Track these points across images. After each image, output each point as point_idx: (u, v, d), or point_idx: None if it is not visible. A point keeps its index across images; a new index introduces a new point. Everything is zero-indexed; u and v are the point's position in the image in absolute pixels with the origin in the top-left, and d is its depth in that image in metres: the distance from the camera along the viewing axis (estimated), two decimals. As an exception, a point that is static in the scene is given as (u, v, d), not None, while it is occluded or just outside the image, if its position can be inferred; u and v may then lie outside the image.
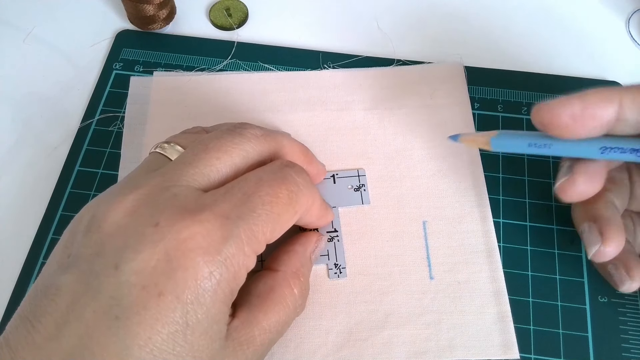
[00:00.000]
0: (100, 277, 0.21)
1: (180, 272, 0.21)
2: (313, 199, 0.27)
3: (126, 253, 0.21)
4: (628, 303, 0.31)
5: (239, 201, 0.23)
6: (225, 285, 0.22)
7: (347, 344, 0.30)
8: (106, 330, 0.20)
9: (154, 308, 0.20)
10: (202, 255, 0.21)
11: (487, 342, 0.30)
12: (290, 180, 0.25)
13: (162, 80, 0.38)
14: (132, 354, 0.20)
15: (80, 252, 0.22)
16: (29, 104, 0.38)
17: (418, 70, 0.39)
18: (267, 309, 0.25)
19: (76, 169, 0.35)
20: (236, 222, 0.22)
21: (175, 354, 0.20)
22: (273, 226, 0.23)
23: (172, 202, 0.22)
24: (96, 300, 0.20)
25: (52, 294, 0.21)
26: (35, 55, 0.41)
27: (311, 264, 0.29)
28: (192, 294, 0.21)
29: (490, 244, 0.32)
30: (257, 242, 0.23)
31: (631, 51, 0.41)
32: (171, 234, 0.21)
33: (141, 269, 0.20)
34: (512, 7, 0.43)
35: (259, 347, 0.24)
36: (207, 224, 0.22)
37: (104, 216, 0.22)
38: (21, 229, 0.34)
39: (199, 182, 0.24)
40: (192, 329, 0.21)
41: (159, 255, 0.21)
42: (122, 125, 0.37)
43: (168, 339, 0.20)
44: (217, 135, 0.26)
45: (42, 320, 0.20)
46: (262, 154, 0.27)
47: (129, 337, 0.20)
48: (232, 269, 0.22)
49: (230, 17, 0.42)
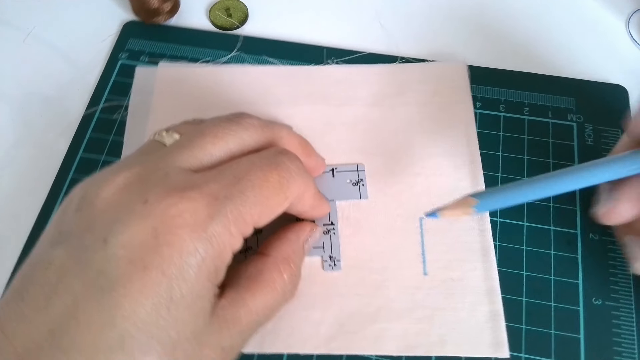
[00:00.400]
0: (89, 251, 0.21)
1: (166, 247, 0.21)
2: (306, 187, 0.27)
3: (115, 227, 0.21)
4: (622, 307, 0.31)
5: (228, 183, 0.23)
6: (210, 262, 0.22)
7: (338, 335, 0.30)
8: (92, 301, 0.20)
9: (139, 281, 0.20)
10: (188, 232, 0.21)
11: (478, 339, 0.30)
12: (283, 166, 0.25)
13: (167, 70, 0.39)
14: (116, 324, 0.20)
15: (71, 228, 0.22)
16: (29, 104, 0.39)
17: (421, 68, 0.39)
18: (255, 290, 0.25)
19: (79, 156, 0.36)
20: (223, 202, 0.23)
21: (159, 327, 0.21)
22: (261, 209, 0.24)
23: (162, 180, 0.23)
24: (84, 273, 0.21)
25: (43, 268, 0.21)
26: (35, 55, 0.41)
27: (304, 252, 0.30)
28: (176, 269, 0.21)
29: (486, 243, 0.32)
30: (244, 223, 0.23)
31: (631, 51, 0.41)
32: (159, 210, 0.21)
33: (128, 243, 0.21)
34: (515, 7, 0.43)
35: (244, 328, 0.24)
36: (194, 202, 0.22)
37: (95, 193, 0.23)
38: (21, 215, 0.34)
39: (192, 164, 0.24)
40: (175, 304, 0.21)
41: (146, 230, 0.21)
42: (125, 114, 0.37)
43: (152, 312, 0.20)
44: (214, 122, 0.26)
45: (31, 293, 0.21)
46: (258, 142, 0.27)
47: (113, 309, 0.20)
48: (217, 246, 0.22)
49: (230, 17, 0.42)
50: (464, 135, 0.36)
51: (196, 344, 0.22)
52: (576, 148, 0.36)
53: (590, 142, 0.36)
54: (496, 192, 0.28)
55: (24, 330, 0.20)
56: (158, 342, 0.21)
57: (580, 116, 0.37)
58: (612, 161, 0.27)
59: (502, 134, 0.36)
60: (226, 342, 0.24)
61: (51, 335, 0.20)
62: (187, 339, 0.22)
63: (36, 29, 0.42)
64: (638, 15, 0.42)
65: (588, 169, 0.27)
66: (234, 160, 0.25)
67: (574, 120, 0.37)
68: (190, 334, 0.22)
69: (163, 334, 0.21)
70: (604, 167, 0.27)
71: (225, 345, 0.23)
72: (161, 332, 0.21)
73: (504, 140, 0.36)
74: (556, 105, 0.37)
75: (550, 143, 0.36)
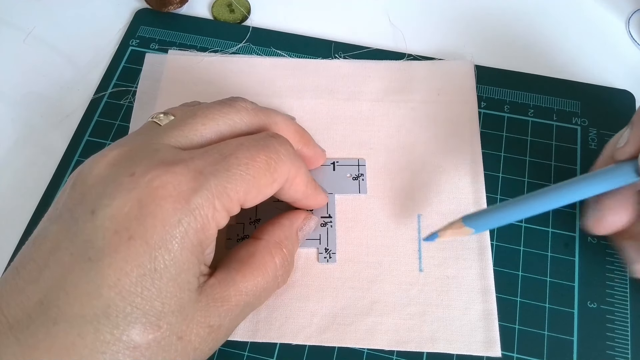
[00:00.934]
0: (78, 223, 0.22)
1: (150, 218, 0.21)
2: (297, 172, 0.27)
3: (103, 200, 0.22)
4: (617, 311, 0.31)
5: (214, 160, 0.24)
6: (193, 235, 0.22)
7: (331, 327, 0.30)
8: (79, 271, 0.21)
9: (124, 251, 0.21)
10: (171, 203, 0.22)
11: (470, 337, 0.30)
12: (271, 149, 0.25)
13: (176, 58, 0.39)
14: (102, 294, 0.21)
15: (66, 203, 0.23)
16: (29, 104, 0.39)
17: (428, 65, 0.39)
18: (245, 272, 0.26)
19: (85, 139, 0.37)
20: (207, 177, 0.23)
21: (143, 298, 0.21)
22: (247, 187, 0.24)
23: (151, 155, 0.23)
24: (73, 244, 0.21)
25: (38, 243, 0.22)
26: (35, 55, 0.41)
27: (297, 239, 0.30)
28: (160, 239, 0.21)
29: (483, 242, 0.33)
30: (228, 199, 0.23)
31: (631, 51, 0.40)
32: (144, 182, 0.22)
33: (115, 215, 0.21)
34: (522, 8, 0.43)
35: (233, 307, 0.25)
36: (179, 175, 0.22)
37: (89, 170, 0.23)
38: (21, 215, 0.34)
39: (181, 142, 0.25)
40: (159, 274, 0.21)
41: (132, 202, 0.22)
42: (133, 100, 0.38)
43: (137, 282, 0.21)
44: (208, 105, 0.27)
45: (26, 267, 0.22)
46: (250, 126, 0.27)
47: (99, 278, 0.21)
48: (201, 219, 0.22)
49: (232, 12, 0.42)
50: (467, 134, 0.36)
51: (182, 318, 0.22)
52: (579, 151, 0.35)
53: (594, 146, 0.35)
54: (487, 214, 0.29)
55: (17, 301, 0.21)
56: (143, 312, 0.21)
57: (585, 120, 0.37)
58: (594, 177, 0.27)
59: (505, 134, 0.36)
60: (214, 321, 0.24)
61: (40, 306, 0.21)
62: (172, 312, 0.22)
63: (37, 29, 0.42)
64: (638, 15, 0.41)
65: (571, 187, 0.27)
66: (223, 142, 0.25)
67: (579, 124, 0.36)
68: (176, 307, 0.22)
69: (147, 305, 0.21)
70: (587, 184, 0.27)
71: (213, 323, 0.24)
72: (146, 303, 0.21)
73: (506, 141, 0.36)
74: (561, 108, 0.37)
75: (553, 145, 0.36)
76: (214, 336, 0.24)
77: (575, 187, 0.27)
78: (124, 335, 0.21)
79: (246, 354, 0.30)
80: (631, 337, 0.30)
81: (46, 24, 0.43)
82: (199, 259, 0.23)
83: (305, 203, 0.31)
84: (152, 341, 0.22)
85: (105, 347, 0.21)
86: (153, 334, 0.21)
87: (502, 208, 0.28)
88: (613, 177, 0.27)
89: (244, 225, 0.33)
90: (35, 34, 0.42)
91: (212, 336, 0.24)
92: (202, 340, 0.24)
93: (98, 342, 0.21)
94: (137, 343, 0.21)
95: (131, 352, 0.21)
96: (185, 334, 0.23)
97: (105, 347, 0.21)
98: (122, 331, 0.21)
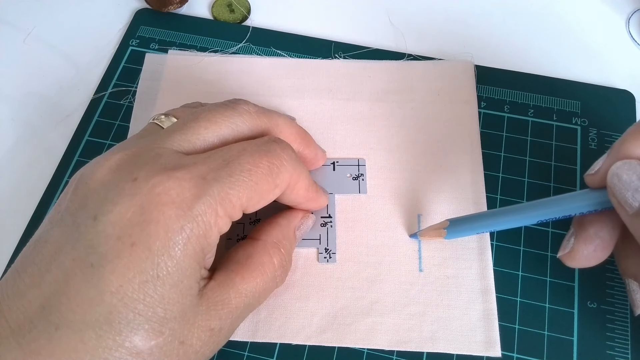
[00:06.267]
0: (80, 228, 0.22)
1: (152, 224, 0.21)
2: (298, 177, 0.27)
3: (105, 205, 0.22)
4: (617, 311, 0.31)
5: (217, 165, 0.24)
6: (196, 241, 0.22)
7: (331, 327, 0.30)
8: (82, 277, 0.21)
9: (126, 257, 0.21)
10: (174, 209, 0.22)
11: (470, 337, 0.30)
12: (274, 154, 0.25)
13: (176, 58, 0.39)
14: (104, 300, 0.21)
15: (68, 207, 0.23)
16: (29, 104, 0.39)
17: (428, 65, 0.39)
18: (244, 273, 0.26)
19: (85, 139, 0.37)
20: (210, 183, 0.23)
21: (146, 304, 0.21)
22: (249, 194, 0.24)
23: (153, 160, 0.23)
24: (75, 249, 0.21)
25: (40, 246, 0.22)
26: (35, 55, 0.41)
27: (295, 239, 0.30)
28: (162, 245, 0.21)
29: (483, 242, 0.33)
30: (231, 205, 0.23)
31: (631, 51, 0.40)
32: (146, 188, 0.22)
33: (117, 221, 0.21)
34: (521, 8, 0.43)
35: (233, 309, 0.25)
36: (182, 181, 0.22)
37: (91, 173, 0.23)
38: (21, 214, 0.34)
39: (183, 147, 0.25)
40: (162, 281, 0.21)
41: (134, 208, 0.22)
42: (133, 100, 0.38)
43: (139, 288, 0.21)
44: (210, 107, 0.27)
45: (28, 270, 0.22)
46: (253, 129, 0.27)
47: (101, 284, 0.21)
48: (203, 226, 0.22)
49: (232, 12, 0.42)
50: (467, 134, 0.36)
51: (184, 323, 0.22)
52: (579, 151, 0.35)
53: (594, 146, 0.35)
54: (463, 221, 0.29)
55: (18, 305, 0.21)
56: (145, 319, 0.21)
57: (585, 120, 0.37)
58: (562, 200, 0.26)
59: (505, 134, 0.36)
60: (215, 324, 0.24)
61: (42, 311, 0.21)
62: (174, 318, 0.22)
63: (37, 29, 0.42)
64: (638, 15, 0.41)
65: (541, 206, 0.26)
66: (226, 146, 0.25)
67: (579, 124, 0.36)
68: (178, 312, 0.22)
69: (150, 312, 0.21)
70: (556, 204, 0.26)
71: (214, 326, 0.24)
72: (148, 310, 0.21)
73: (506, 140, 0.36)
74: (561, 108, 0.37)
75: (553, 145, 0.36)
76: (215, 339, 0.24)
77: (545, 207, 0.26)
78: (127, 341, 0.21)
79: (246, 354, 0.30)
80: (631, 337, 0.30)
81: (46, 24, 0.43)
82: (200, 264, 0.23)
83: (305, 206, 0.31)
84: (155, 347, 0.22)
85: (107, 353, 0.21)
86: (155, 339, 0.21)
87: (475, 219, 0.29)
88: (583, 200, 0.26)
89: (244, 226, 0.33)
90: (35, 34, 0.42)
91: (213, 339, 0.24)
92: (203, 344, 0.24)
93: (100, 348, 0.21)
94: (140, 349, 0.21)
95: (133, 358, 0.21)
96: (187, 338, 0.23)
97: (107, 353, 0.21)
98: (125, 337, 0.21)
